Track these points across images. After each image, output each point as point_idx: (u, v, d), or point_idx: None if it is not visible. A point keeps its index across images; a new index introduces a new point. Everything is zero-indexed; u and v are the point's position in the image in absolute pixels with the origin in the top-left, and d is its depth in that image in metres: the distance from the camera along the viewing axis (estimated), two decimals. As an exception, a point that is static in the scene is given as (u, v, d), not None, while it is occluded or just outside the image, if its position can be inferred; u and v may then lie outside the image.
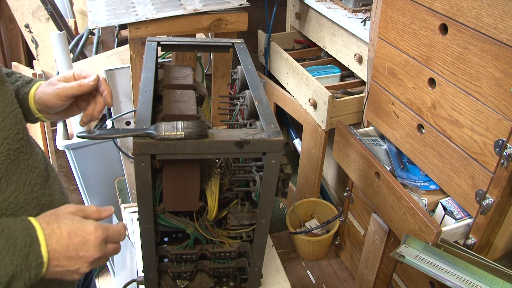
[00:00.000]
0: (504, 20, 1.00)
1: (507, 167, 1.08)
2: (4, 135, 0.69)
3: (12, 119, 0.72)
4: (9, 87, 0.73)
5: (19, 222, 0.63)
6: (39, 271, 0.62)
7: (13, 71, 0.91)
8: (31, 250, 0.61)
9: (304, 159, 2.11)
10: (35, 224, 0.64)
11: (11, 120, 0.71)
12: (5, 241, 0.60)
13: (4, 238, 0.60)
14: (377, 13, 1.54)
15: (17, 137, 0.72)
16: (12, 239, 0.60)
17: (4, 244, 0.60)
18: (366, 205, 1.72)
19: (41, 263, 0.62)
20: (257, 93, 0.93)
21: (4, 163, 0.69)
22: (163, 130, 0.75)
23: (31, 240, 0.62)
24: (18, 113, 0.74)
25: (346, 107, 1.81)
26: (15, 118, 0.73)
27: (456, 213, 1.30)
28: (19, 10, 1.96)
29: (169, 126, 0.76)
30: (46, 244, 0.63)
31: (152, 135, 0.74)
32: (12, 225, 0.62)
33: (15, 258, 0.60)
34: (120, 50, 1.98)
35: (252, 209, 0.94)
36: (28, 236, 0.62)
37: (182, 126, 0.76)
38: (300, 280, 2.05)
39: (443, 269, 1.12)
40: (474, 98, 1.13)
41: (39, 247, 0.62)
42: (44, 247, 0.63)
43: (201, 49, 1.16)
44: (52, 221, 0.65)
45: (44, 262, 0.63)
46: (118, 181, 1.97)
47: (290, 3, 2.31)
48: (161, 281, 1.00)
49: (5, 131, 0.70)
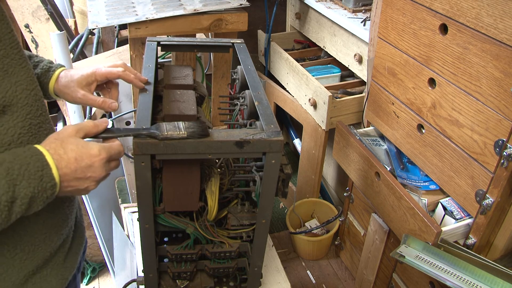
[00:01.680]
0: (504, 20, 1.00)
1: (507, 167, 1.08)
2: (27, 110, 0.74)
3: (33, 96, 0.76)
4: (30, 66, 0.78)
5: (27, 150, 0.67)
6: (53, 191, 0.68)
7: (31, 54, 0.94)
8: (44, 174, 0.66)
9: (304, 159, 2.11)
10: (43, 150, 0.68)
11: (33, 97, 0.76)
12: (19, 166, 0.65)
13: (17, 164, 0.65)
14: (377, 13, 1.54)
15: (37, 113, 0.77)
16: (25, 165, 0.65)
17: (18, 169, 0.64)
18: (366, 205, 1.72)
19: (54, 184, 0.68)
20: (257, 93, 0.93)
21: (26, 135, 0.73)
22: (166, 129, 0.75)
23: (42, 165, 0.67)
24: (38, 91, 0.78)
25: (346, 107, 1.81)
26: (36, 95, 0.77)
27: (456, 213, 1.30)
28: (19, 10, 1.96)
29: (171, 126, 0.76)
30: (56, 168, 0.68)
31: (155, 134, 0.75)
32: (21, 153, 0.66)
33: (32, 182, 0.65)
34: (120, 50, 1.98)
35: (252, 209, 0.94)
36: (39, 161, 0.67)
37: (184, 126, 0.77)
38: (300, 280, 2.05)
39: (443, 269, 1.12)
40: (474, 98, 1.13)
41: (51, 170, 0.67)
42: (55, 170, 0.68)
43: (201, 49, 1.16)
44: (58, 147, 0.69)
45: (56, 183, 0.68)
46: (118, 181, 1.97)
47: (290, 3, 2.31)
48: (161, 281, 1.00)
49: (27, 107, 0.74)
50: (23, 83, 0.74)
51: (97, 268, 2.14)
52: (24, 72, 0.74)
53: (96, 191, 1.92)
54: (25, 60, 0.76)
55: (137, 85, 0.91)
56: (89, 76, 0.89)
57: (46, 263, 0.81)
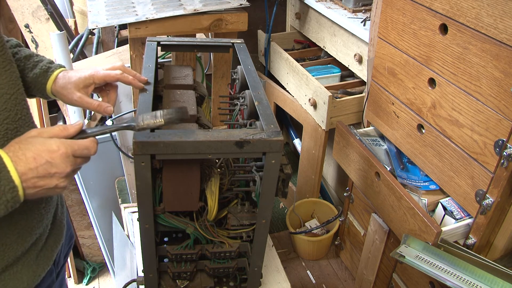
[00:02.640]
0: (504, 20, 1.00)
1: (507, 167, 1.08)
2: (4, 115, 0.73)
3: (13, 101, 0.75)
4: (15, 68, 0.77)
5: None
6: (14, 194, 0.67)
7: (32, 53, 0.94)
8: (1, 176, 0.65)
9: (304, 159, 2.11)
10: (2, 154, 0.67)
11: (12, 102, 0.75)
12: None
13: None
14: (377, 13, 1.54)
15: (16, 117, 0.76)
16: None
17: None
18: (366, 205, 1.72)
19: (13, 186, 0.66)
20: (257, 93, 0.93)
21: (1, 140, 0.73)
22: (142, 120, 0.75)
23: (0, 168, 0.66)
24: (20, 94, 0.78)
25: (346, 107, 1.81)
26: (16, 99, 0.76)
27: (456, 213, 1.30)
28: (19, 10, 1.96)
29: (148, 115, 0.76)
30: (15, 169, 0.66)
31: (131, 126, 0.75)
32: None
33: None
34: (120, 50, 1.98)
35: (252, 209, 0.94)
36: None
37: (161, 114, 0.76)
38: (300, 280, 2.05)
39: (443, 269, 1.12)
40: (474, 98, 1.13)
41: (8, 173, 0.66)
42: (13, 172, 0.66)
43: (201, 49, 1.16)
44: (16, 149, 0.68)
45: (16, 185, 0.67)
46: (118, 181, 1.97)
47: (290, 3, 2.31)
48: (161, 281, 1.00)
49: (5, 112, 0.74)
50: (4, 87, 0.73)
51: (97, 268, 2.14)
52: (6, 75, 0.73)
53: (96, 191, 1.92)
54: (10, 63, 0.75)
55: (137, 86, 0.90)
56: (87, 79, 0.88)
57: (17, 261, 0.81)
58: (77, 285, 2.11)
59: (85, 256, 2.14)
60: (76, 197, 2.02)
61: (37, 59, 0.92)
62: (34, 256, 0.86)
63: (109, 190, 1.96)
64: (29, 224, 0.82)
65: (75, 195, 2.02)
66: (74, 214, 2.05)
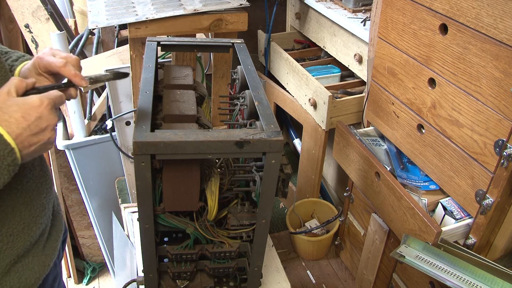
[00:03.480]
0: (504, 20, 1.00)
1: (507, 167, 1.08)
2: None
3: None
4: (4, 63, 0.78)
5: None
6: (13, 156, 0.68)
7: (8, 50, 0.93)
8: None
9: (304, 159, 2.11)
10: None
11: None
12: None
13: None
14: (377, 13, 1.54)
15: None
16: None
17: None
18: (366, 205, 1.72)
19: (11, 149, 0.68)
20: (257, 93, 0.93)
21: None
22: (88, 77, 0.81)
23: None
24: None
25: (346, 107, 1.81)
26: None
27: (456, 213, 1.30)
28: (19, 10, 1.96)
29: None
30: (7, 133, 0.68)
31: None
32: None
33: None
34: (120, 50, 1.98)
35: (252, 209, 0.94)
36: None
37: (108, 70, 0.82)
38: (300, 280, 2.05)
39: (443, 269, 1.12)
40: (474, 98, 1.13)
41: (2, 137, 0.67)
42: (7, 136, 0.68)
43: (201, 49, 1.16)
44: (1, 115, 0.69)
45: (13, 148, 0.68)
46: (118, 181, 1.97)
47: (290, 3, 2.31)
48: (161, 281, 1.00)
49: None
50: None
51: (97, 268, 2.14)
52: None
53: (96, 191, 1.92)
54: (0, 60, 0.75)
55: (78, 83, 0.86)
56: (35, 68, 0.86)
57: (27, 252, 0.84)
58: (77, 285, 2.11)
59: (85, 256, 2.14)
60: (76, 197, 2.02)
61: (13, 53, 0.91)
62: (42, 246, 0.88)
63: (109, 190, 1.96)
64: (33, 214, 0.85)
65: (75, 195, 2.02)
66: (74, 214, 2.05)
